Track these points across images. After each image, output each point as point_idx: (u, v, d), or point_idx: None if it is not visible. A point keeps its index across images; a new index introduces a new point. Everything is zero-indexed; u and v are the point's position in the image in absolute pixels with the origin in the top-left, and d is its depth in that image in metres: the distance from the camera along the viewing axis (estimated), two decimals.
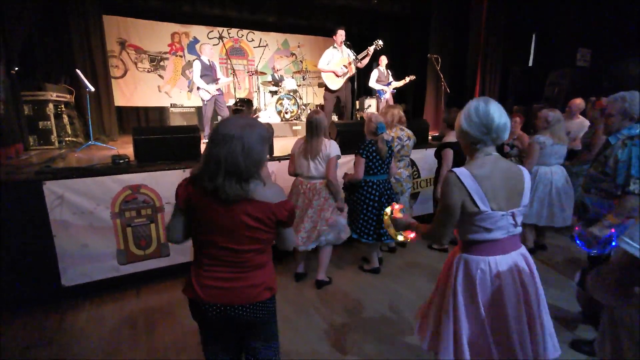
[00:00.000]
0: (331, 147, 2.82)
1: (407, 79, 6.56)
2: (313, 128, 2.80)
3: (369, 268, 3.41)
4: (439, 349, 1.50)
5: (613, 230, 1.78)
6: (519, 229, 1.45)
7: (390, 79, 6.60)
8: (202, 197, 1.31)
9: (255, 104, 7.75)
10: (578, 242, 1.83)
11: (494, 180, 1.37)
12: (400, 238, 1.76)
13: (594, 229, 1.86)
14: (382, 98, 6.63)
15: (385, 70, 6.58)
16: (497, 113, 1.37)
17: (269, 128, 1.36)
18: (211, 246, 1.35)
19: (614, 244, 1.74)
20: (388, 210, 1.84)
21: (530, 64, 7.25)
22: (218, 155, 1.25)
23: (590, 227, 1.88)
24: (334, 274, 3.32)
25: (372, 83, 6.58)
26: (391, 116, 3.55)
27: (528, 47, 7.22)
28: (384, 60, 6.59)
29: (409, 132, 3.63)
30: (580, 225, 1.93)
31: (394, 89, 6.64)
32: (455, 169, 1.40)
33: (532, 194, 3.33)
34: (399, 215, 1.80)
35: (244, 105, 3.04)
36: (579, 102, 4.24)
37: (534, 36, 7.15)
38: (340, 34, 5.02)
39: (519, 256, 1.45)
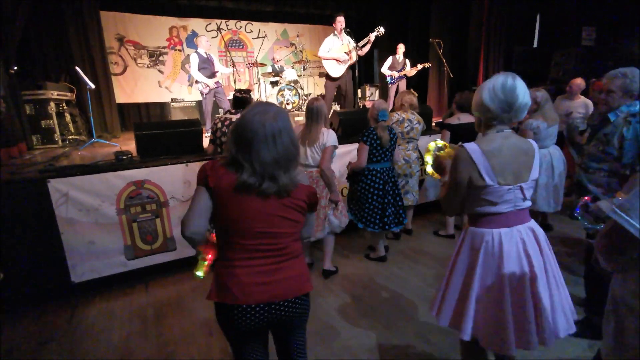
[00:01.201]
0: (329, 136, 2.78)
1: (420, 67, 6.45)
2: (313, 115, 2.77)
3: (375, 256, 3.40)
4: (440, 316, 1.56)
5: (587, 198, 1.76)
6: (528, 203, 1.46)
7: (408, 67, 6.45)
8: (234, 182, 1.20)
9: (256, 96, 7.71)
10: (581, 218, 1.70)
11: (503, 156, 1.39)
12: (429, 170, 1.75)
13: (602, 204, 1.73)
14: (390, 85, 6.55)
15: (402, 58, 6.47)
16: (522, 91, 1.38)
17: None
18: (245, 235, 1.23)
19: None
20: (433, 145, 1.80)
21: (535, 44, 7.10)
22: (275, 155, 1.19)
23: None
24: (340, 262, 3.33)
25: (384, 69, 6.52)
26: (403, 100, 3.59)
27: (532, 28, 7.07)
28: (401, 48, 6.49)
29: (419, 117, 3.65)
30: (584, 202, 1.77)
31: (404, 75, 6.50)
32: (466, 144, 1.42)
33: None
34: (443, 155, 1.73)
35: (249, 94, 2.99)
36: (579, 81, 4.16)
37: (538, 16, 6.98)
38: (340, 21, 4.93)
39: (526, 229, 1.46)
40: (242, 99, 2.95)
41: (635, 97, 1.91)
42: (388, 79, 6.56)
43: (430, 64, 6.49)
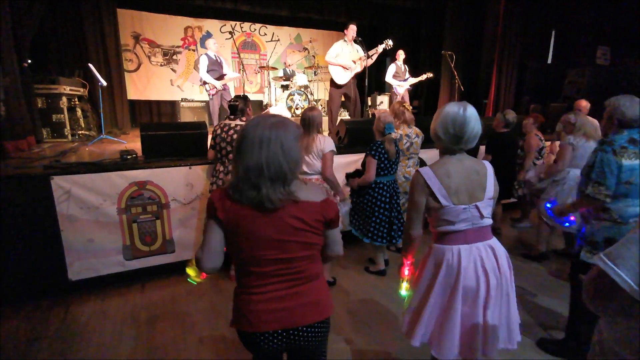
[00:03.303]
0: (325, 142, 2.77)
1: (424, 76, 6.32)
2: (306, 124, 2.77)
3: (374, 270, 3.36)
4: (408, 333, 1.64)
5: (572, 218, 2.27)
6: (487, 221, 1.54)
7: (407, 74, 6.39)
8: (241, 208, 1.17)
9: (266, 99, 7.74)
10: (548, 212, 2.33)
11: (456, 177, 1.49)
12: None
13: (556, 208, 2.29)
14: (397, 94, 6.45)
15: (402, 65, 6.35)
16: (472, 123, 1.46)
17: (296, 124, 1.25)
18: (259, 262, 1.20)
19: (567, 225, 2.36)
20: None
21: (550, 60, 7.01)
22: (258, 162, 1.13)
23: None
24: (338, 274, 3.29)
25: (389, 78, 6.36)
26: (398, 114, 3.49)
27: (547, 44, 6.98)
28: (401, 54, 6.33)
29: (417, 129, 3.57)
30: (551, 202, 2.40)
31: (410, 85, 6.43)
32: (421, 169, 1.54)
33: (560, 198, 3.17)
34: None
35: (239, 101, 2.99)
36: (584, 103, 4.17)
37: (553, 32, 6.90)
38: (352, 29, 4.92)
39: (485, 247, 1.54)
40: (234, 106, 2.97)
41: (622, 126, 1.92)
42: (396, 88, 6.47)
43: (432, 75, 6.37)
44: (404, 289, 1.74)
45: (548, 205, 2.36)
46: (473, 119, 1.46)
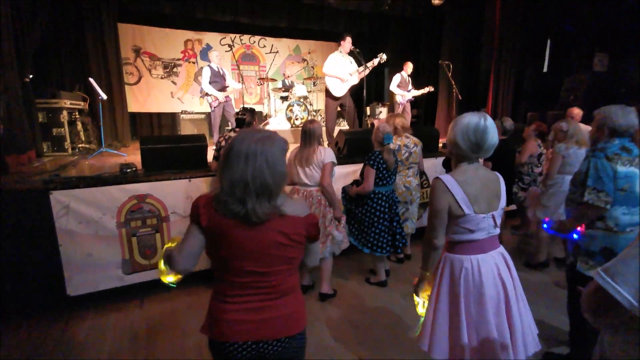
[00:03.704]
0: (326, 153, 2.80)
1: (426, 90, 6.51)
2: (306, 136, 2.81)
3: (375, 281, 3.33)
4: (434, 350, 1.57)
5: (579, 228, 2.09)
6: (498, 230, 1.57)
7: (410, 86, 6.55)
8: (226, 219, 1.17)
9: (265, 110, 7.78)
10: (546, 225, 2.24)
11: (475, 186, 1.50)
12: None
13: (557, 225, 2.19)
14: (400, 105, 6.57)
15: (407, 77, 6.51)
16: (492, 133, 1.48)
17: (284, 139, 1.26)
18: (237, 273, 1.20)
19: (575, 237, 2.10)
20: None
21: (545, 69, 7.06)
22: (243, 176, 1.13)
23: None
24: (339, 285, 3.26)
25: (393, 87, 6.49)
26: (395, 125, 3.49)
27: (543, 52, 7.04)
28: (409, 66, 6.52)
29: (415, 139, 3.57)
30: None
31: (413, 97, 6.58)
32: (442, 176, 1.52)
33: (558, 206, 3.20)
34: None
35: (246, 114, 3.01)
36: (577, 111, 4.27)
37: (548, 41, 6.96)
38: (348, 41, 4.97)
39: (498, 255, 1.56)
40: (242, 120, 2.99)
41: (612, 135, 1.92)
42: (399, 98, 6.55)
43: (432, 88, 6.54)
44: (422, 306, 1.70)
45: (545, 226, 2.28)
46: (492, 129, 1.48)
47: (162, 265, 1.32)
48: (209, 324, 1.26)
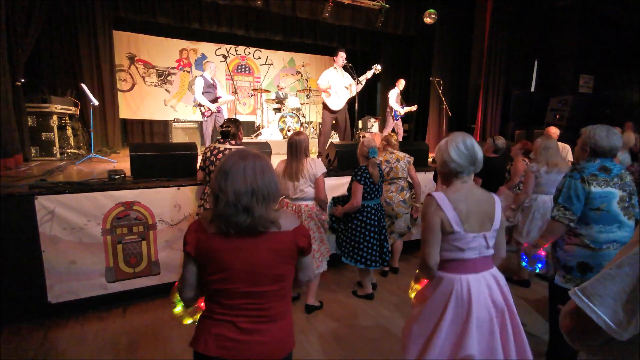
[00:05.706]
0: (316, 166, 2.78)
1: (414, 107, 6.80)
2: (293, 149, 2.78)
3: (362, 294, 3.33)
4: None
5: (543, 253, 2.14)
6: (491, 251, 1.56)
7: (403, 102, 6.83)
8: (219, 240, 1.19)
9: (258, 121, 7.82)
10: (523, 258, 2.23)
11: (467, 205, 1.50)
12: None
13: (527, 248, 2.21)
14: (395, 120, 6.76)
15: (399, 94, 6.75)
16: (478, 147, 1.54)
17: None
18: (227, 295, 1.21)
19: (539, 265, 2.17)
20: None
21: (532, 89, 7.26)
22: (245, 184, 1.16)
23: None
24: (326, 298, 3.25)
25: (392, 102, 6.67)
26: (380, 141, 3.60)
27: (530, 73, 7.25)
28: (402, 82, 6.73)
29: (400, 153, 3.58)
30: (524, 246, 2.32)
31: (404, 113, 6.78)
32: (434, 193, 1.53)
33: (530, 224, 3.29)
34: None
35: (230, 126, 3.00)
36: (554, 130, 4.42)
37: (535, 62, 7.18)
38: (342, 56, 5.05)
39: (490, 276, 1.55)
40: (226, 132, 2.98)
41: (594, 155, 1.97)
42: (394, 113, 6.71)
43: (417, 107, 6.87)
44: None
45: (523, 263, 2.27)
46: (476, 143, 1.55)
47: (177, 309, 1.37)
48: (196, 337, 1.27)
